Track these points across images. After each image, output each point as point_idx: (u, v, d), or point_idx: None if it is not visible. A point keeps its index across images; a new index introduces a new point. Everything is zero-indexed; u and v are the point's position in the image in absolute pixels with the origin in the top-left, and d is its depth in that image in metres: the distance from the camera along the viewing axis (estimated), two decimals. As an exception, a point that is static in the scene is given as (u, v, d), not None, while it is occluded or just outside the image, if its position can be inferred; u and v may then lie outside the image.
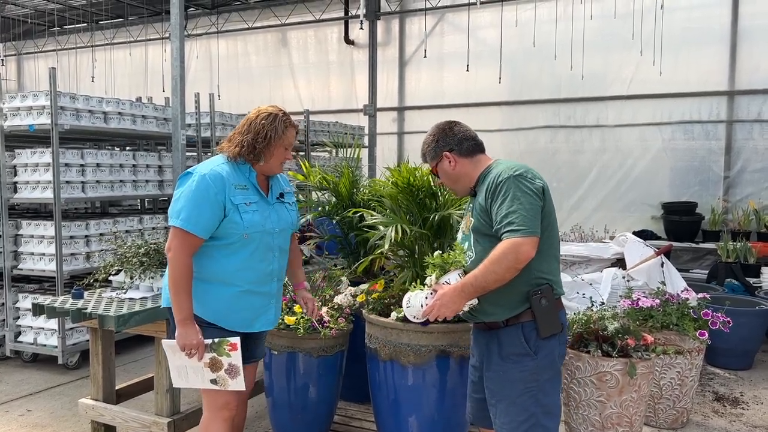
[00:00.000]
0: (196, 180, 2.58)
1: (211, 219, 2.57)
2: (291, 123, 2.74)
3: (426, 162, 2.71)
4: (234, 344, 2.63)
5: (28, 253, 5.27)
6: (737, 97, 7.54)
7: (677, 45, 7.54)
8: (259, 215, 2.67)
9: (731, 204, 7.55)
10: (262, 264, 2.71)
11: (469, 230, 2.50)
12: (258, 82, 10.75)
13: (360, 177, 4.30)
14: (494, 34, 8.28)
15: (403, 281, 3.12)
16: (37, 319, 5.17)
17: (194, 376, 2.66)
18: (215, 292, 2.65)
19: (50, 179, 5.02)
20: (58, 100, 4.96)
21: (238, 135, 2.70)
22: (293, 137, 2.76)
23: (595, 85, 8.05)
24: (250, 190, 2.69)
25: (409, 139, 9.76)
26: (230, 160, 2.68)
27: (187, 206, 2.55)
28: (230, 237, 2.61)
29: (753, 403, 4.60)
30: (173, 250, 2.55)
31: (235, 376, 2.64)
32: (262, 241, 2.68)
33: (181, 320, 2.58)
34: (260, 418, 4.24)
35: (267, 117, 2.68)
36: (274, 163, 2.73)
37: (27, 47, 12.85)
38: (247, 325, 2.74)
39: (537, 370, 2.36)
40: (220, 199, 2.57)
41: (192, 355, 2.61)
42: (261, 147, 2.66)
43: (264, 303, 2.76)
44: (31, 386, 4.87)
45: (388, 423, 3.15)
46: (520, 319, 2.38)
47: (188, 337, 2.59)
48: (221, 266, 2.64)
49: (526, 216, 2.28)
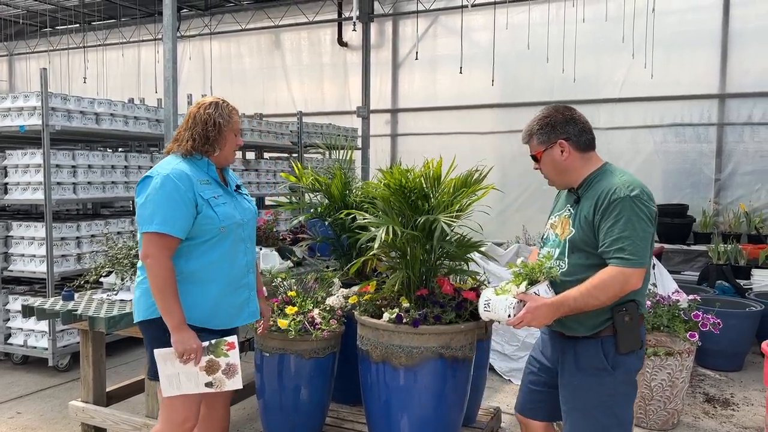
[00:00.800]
0: (159, 181, 2.52)
1: (186, 217, 2.53)
2: (234, 108, 2.75)
3: (528, 142, 2.49)
4: (232, 343, 2.61)
5: (18, 254, 5.25)
6: (728, 100, 7.60)
7: (668, 48, 7.59)
8: (230, 207, 2.68)
9: (722, 206, 7.59)
10: (239, 256, 2.70)
11: (565, 239, 2.41)
12: (251, 83, 10.74)
13: (353, 179, 4.30)
14: (487, 37, 8.31)
15: (395, 282, 3.12)
16: (28, 321, 5.14)
17: (187, 383, 2.59)
18: (197, 293, 2.60)
19: (41, 180, 5.00)
20: (49, 101, 4.94)
21: (185, 131, 2.68)
22: (239, 122, 2.77)
23: (587, 87, 8.09)
24: (213, 184, 2.68)
25: (403, 141, 9.78)
26: (185, 157, 2.65)
27: (160, 209, 2.49)
28: (207, 233, 2.59)
29: (743, 404, 4.62)
30: (152, 256, 2.49)
31: (232, 375, 2.62)
32: (236, 233, 2.68)
33: (176, 326, 2.51)
34: (252, 420, 4.23)
35: (210, 106, 2.67)
36: (228, 151, 2.73)
37: (19, 48, 12.80)
38: (233, 320, 2.73)
39: (614, 385, 2.34)
40: (190, 196, 2.54)
41: (189, 361, 2.55)
42: (213, 135, 2.64)
43: (245, 295, 2.76)
44: (21, 389, 4.84)
45: (379, 425, 3.14)
46: (601, 334, 2.35)
47: (186, 342, 2.52)
48: (200, 264, 2.60)
49: (638, 245, 2.24)
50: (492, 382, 4.86)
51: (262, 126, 7.38)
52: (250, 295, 2.80)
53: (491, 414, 3.96)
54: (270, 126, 7.52)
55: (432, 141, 9.14)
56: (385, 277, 3.40)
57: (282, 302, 3.44)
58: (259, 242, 4.50)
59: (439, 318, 3.00)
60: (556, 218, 2.55)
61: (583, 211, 2.37)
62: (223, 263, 2.63)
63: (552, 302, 2.29)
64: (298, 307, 3.38)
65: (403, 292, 3.17)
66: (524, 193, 8.59)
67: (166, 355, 2.55)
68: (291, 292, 3.51)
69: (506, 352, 5.08)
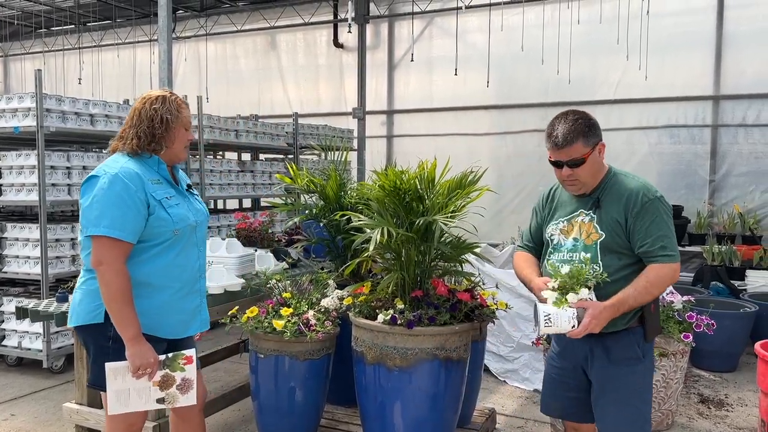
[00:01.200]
0: (107, 181, 2.35)
1: (137, 220, 2.36)
2: (183, 101, 2.59)
3: (570, 145, 2.41)
4: (190, 357, 2.47)
5: (12, 256, 5.23)
6: (722, 102, 7.63)
7: (663, 50, 7.62)
8: (183, 208, 2.53)
9: (717, 207, 7.62)
10: (191, 260, 2.56)
11: (595, 242, 2.45)
12: (247, 84, 10.74)
13: (348, 180, 4.31)
14: (482, 38, 8.32)
15: (389, 284, 3.13)
16: (22, 323, 5.12)
17: (137, 399, 2.41)
18: (148, 298, 2.44)
19: (36, 182, 4.98)
20: (43, 102, 4.93)
21: (130, 128, 2.50)
22: (189, 116, 2.61)
23: (582, 89, 8.12)
24: (164, 184, 2.52)
25: (398, 142, 9.79)
26: (131, 156, 2.48)
27: (108, 211, 2.32)
28: (160, 236, 2.44)
29: (737, 404, 4.63)
30: (106, 262, 2.31)
31: (187, 390, 2.48)
32: (189, 236, 2.54)
33: (133, 337, 2.35)
34: (246, 422, 4.22)
35: (156, 101, 2.50)
36: (178, 148, 2.57)
37: (14, 49, 12.77)
38: (183, 329, 2.59)
39: (645, 372, 2.50)
40: (141, 197, 2.38)
41: (144, 375, 2.38)
42: (161, 133, 2.48)
43: (198, 302, 2.63)
44: (15, 390, 4.82)
45: (374, 426, 3.14)
46: (630, 326, 2.46)
47: (144, 355, 2.36)
48: (152, 269, 2.44)
49: (674, 241, 2.44)
50: (487, 383, 4.87)
51: (258, 127, 7.38)
52: (201, 302, 2.66)
53: (486, 415, 3.96)
54: (265, 127, 7.52)
55: (428, 142, 9.16)
56: (379, 278, 3.40)
57: (277, 304, 3.44)
58: (254, 243, 4.50)
59: (433, 319, 3.01)
60: (565, 223, 2.56)
61: (611, 214, 2.44)
62: (176, 268, 2.49)
63: (612, 304, 2.34)
64: (293, 309, 3.38)
65: (398, 293, 3.18)
66: (520, 194, 8.60)
67: (118, 370, 2.38)
68: (286, 293, 3.51)
69: (501, 353, 5.08)
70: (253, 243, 4.50)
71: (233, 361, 5.25)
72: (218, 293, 3.57)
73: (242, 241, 4.35)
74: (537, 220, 2.74)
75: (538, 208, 2.75)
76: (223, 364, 5.14)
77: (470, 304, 3.16)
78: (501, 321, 4.98)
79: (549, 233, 2.59)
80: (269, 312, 3.37)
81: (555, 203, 2.66)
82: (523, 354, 4.94)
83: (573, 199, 2.57)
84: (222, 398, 3.94)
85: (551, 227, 2.59)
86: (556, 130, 2.44)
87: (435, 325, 3.00)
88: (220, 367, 5.18)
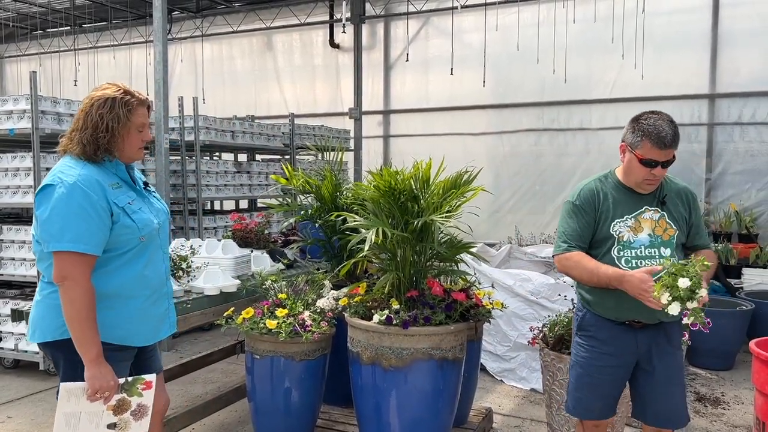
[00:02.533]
0: (65, 191, 2.19)
1: (102, 231, 2.23)
2: (137, 102, 2.36)
3: (677, 144, 2.58)
4: (149, 382, 2.36)
5: (9, 258, 5.22)
6: (718, 100, 7.65)
7: (659, 49, 7.63)
8: (146, 212, 2.40)
9: (713, 206, 7.64)
10: (158, 264, 2.46)
11: (671, 237, 2.62)
12: (243, 85, 10.74)
13: (344, 180, 4.30)
14: (478, 38, 8.33)
15: (385, 284, 3.13)
16: (18, 325, 5.11)
17: (87, 424, 2.27)
18: (120, 308, 2.33)
19: (31, 184, 4.98)
20: (38, 105, 4.92)
21: (75, 132, 2.33)
22: (145, 115, 2.40)
23: (578, 88, 8.13)
24: (124, 187, 2.37)
25: (395, 142, 9.80)
26: (86, 159, 2.30)
27: (70, 223, 2.17)
28: (126, 244, 2.32)
29: (734, 403, 4.64)
30: (71, 278, 2.17)
31: (141, 417, 2.35)
32: (155, 240, 2.43)
33: (94, 359, 2.21)
34: (243, 422, 4.22)
35: (104, 105, 2.30)
36: (131, 151, 2.39)
37: (9, 51, 12.76)
38: (154, 334, 2.50)
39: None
40: (103, 205, 2.24)
41: (99, 399, 2.25)
42: (105, 141, 2.29)
43: (166, 305, 2.55)
44: (11, 393, 4.82)
45: (370, 426, 3.15)
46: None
47: (104, 378, 2.23)
48: (121, 278, 2.32)
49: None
50: (484, 382, 4.87)
51: (254, 128, 7.38)
52: (169, 305, 2.57)
53: (483, 414, 3.97)
54: (262, 128, 7.52)
55: (424, 142, 9.16)
56: (375, 278, 3.41)
57: (273, 305, 3.44)
58: (250, 244, 4.50)
59: (429, 319, 3.01)
60: (633, 221, 2.63)
61: (679, 210, 2.66)
62: (144, 275, 2.38)
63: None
64: (289, 309, 3.38)
65: (393, 293, 3.18)
66: (516, 194, 8.61)
67: (72, 391, 2.24)
68: (281, 294, 3.51)
69: (498, 352, 5.09)
70: (249, 244, 4.50)
71: (230, 362, 5.25)
72: (214, 294, 3.57)
73: (238, 242, 4.35)
74: (586, 220, 2.68)
75: (586, 207, 2.69)
76: (220, 365, 5.13)
77: (466, 303, 3.16)
78: (498, 320, 4.98)
79: (616, 230, 2.63)
80: (265, 313, 3.37)
81: (610, 201, 2.67)
82: (520, 353, 4.94)
83: (630, 196, 2.66)
84: (218, 399, 3.94)
85: (618, 225, 2.63)
86: (664, 131, 2.51)
87: (430, 325, 3.00)
88: (216, 368, 5.18)
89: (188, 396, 4.63)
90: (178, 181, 6.56)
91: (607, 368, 2.70)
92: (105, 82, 2.45)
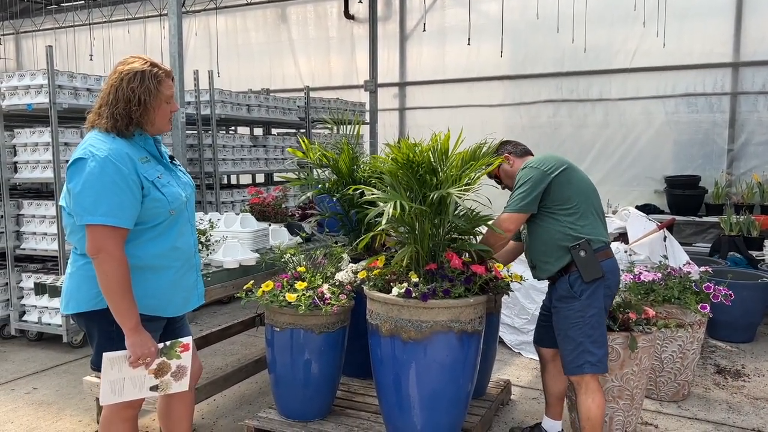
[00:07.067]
0: (97, 165, 2.23)
1: (133, 204, 2.28)
2: (164, 73, 2.41)
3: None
4: (187, 345, 2.46)
5: (30, 232, 5.29)
6: (742, 69, 7.45)
7: (681, 16, 7.44)
8: (175, 186, 2.46)
9: (735, 177, 7.50)
10: (186, 237, 2.52)
11: None
12: (258, 58, 10.66)
13: (361, 154, 4.27)
14: (496, 7, 8.16)
15: (403, 257, 3.12)
16: (41, 299, 5.19)
17: (131, 388, 2.38)
18: (152, 280, 2.40)
19: (50, 159, 5.01)
20: (55, 79, 4.93)
21: (106, 107, 2.35)
22: (171, 87, 2.44)
23: (598, 58, 7.97)
24: (152, 161, 2.43)
25: (411, 115, 9.70)
26: (115, 134, 2.35)
27: (103, 197, 2.22)
28: (156, 218, 2.37)
29: (754, 375, 4.61)
30: (105, 251, 2.22)
31: (181, 377, 2.47)
32: (183, 213, 2.48)
33: (133, 327, 2.30)
34: (263, 394, 4.27)
35: (135, 78, 2.33)
36: (161, 123, 2.45)
37: (25, 26, 12.74)
38: (184, 305, 2.57)
39: (582, 309, 2.96)
40: (134, 178, 2.29)
41: (141, 365, 2.35)
42: (138, 114, 2.34)
43: (195, 277, 2.60)
44: (36, 365, 4.91)
45: (389, 398, 3.16)
46: (569, 271, 3.00)
47: (144, 344, 2.33)
48: (153, 249, 2.38)
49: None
50: (502, 354, 4.88)
51: (270, 102, 7.34)
52: (197, 277, 2.64)
53: (501, 386, 3.98)
54: (277, 101, 7.48)
55: (440, 114, 9.07)
56: (393, 252, 3.39)
57: (292, 278, 3.45)
58: (268, 218, 4.50)
59: (448, 292, 3.00)
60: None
61: None
62: (175, 247, 2.45)
63: None
64: (308, 283, 3.39)
65: (412, 266, 3.17)
66: (534, 166, 8.50)
67: (115, 360, 2.33)
68: (300, 267, 3.52)
69: (516, 325, 5.08)
70: (266, 218, 4.50)
71: (249, 335, 5.31)
72: (233, 268, 3.59)
73: (256, 216, 4.36)
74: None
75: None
76: (240, 338, 5.19)
77: (485, 276, 3.14)
78: (515, 293, 4.96)
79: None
80: (284, 286, 3.38)
81: None
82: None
83: None
84: (239, 371, 3.98)
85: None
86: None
87: (449, 297, 2.99)
88: (236, 341, 5.24)
89: (209, 368, 4.69)
90: (194, 155, 6.57)
91: (542, 307, 3.40)
92: (129, 56, 2.46)
